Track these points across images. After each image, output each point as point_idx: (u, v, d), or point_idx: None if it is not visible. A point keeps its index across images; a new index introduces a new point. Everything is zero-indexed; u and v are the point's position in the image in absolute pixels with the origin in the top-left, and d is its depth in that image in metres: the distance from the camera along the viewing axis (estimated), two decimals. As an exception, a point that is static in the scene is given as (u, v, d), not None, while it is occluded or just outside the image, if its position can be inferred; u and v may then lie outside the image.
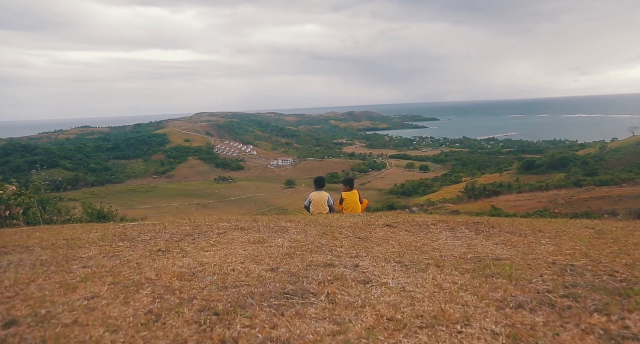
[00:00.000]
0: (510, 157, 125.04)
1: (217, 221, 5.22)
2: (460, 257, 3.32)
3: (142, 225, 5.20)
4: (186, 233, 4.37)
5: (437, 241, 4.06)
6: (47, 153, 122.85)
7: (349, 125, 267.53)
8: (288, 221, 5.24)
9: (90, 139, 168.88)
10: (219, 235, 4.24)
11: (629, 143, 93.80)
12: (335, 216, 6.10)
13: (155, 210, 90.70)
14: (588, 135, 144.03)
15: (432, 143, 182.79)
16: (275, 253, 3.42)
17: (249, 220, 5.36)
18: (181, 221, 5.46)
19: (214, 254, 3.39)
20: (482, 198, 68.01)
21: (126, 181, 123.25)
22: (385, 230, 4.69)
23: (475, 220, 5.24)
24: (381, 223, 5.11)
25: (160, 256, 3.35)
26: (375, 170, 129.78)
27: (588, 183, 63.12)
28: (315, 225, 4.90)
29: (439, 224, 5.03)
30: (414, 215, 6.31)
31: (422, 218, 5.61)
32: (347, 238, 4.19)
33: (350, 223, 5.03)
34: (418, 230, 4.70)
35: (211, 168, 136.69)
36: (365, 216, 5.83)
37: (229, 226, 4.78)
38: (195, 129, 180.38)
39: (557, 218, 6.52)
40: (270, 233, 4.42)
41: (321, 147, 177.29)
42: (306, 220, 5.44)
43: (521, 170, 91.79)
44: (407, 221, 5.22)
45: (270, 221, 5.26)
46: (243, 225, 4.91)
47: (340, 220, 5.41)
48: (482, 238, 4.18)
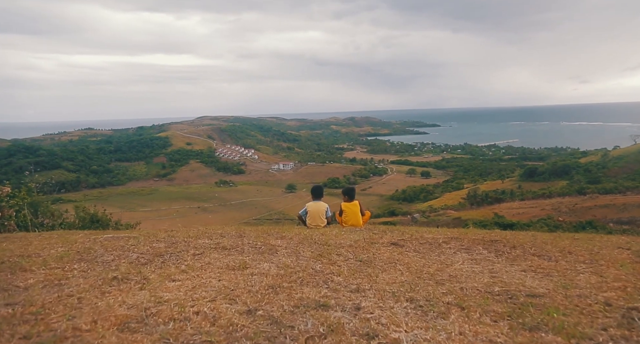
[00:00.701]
0: (512, 164, 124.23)
1: (198, 237, 4.62)
2: (486, 291, 2.74)
3: (115, 238, 4.67)
4: (157, 253, 3.78)
5: (453, 265, 3.50)
6: (50, 154, 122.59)
7: (351, 130, 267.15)
8: (279, 238, 4.67)
9: (93, 141, 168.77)
10: (195, 257, 3.63)
11: (632, 151, 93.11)
12: (333, 231, 5.43)
13: (155, 213, 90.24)
14: (589, 143, 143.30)
15: (433, 149, 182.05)
16: (256, 286, 2.81)
17: (234, 236, 4.75)
18: (159, 234, 4.87)
19: (181, 285, 2.78)
20: (484, 206, 67.36)
21: (127, 184, 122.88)
22: (391, 250, 4.13)
23: (492, 238, 4.66)
24: (386, 241, 4.55)
25: (114, 287, 2.77)
26: (377, 176, 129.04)
27: (592, 191, 62.41)
28: (309, 244, 4.31)
29: (452, 242, 4.47)
30: (422, 230, 5.59)
31: (431, 234, 5.04)
32: (346, 261, 3.62)
33: (351, 241, 4.47)
34: (429, 250, 4.16)
35: (212, 172, 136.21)
36: (368, 232, 5.21)
37: (209, 245, 4.18)
38: (197, 133, 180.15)
39: (579, 233, 5.81)
40: (256, 254, 3.81)
41: (322, 151, 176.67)
42: (300, 236, 4.82)
43: (523, 177, 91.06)
44: (415, 239, 4.66)
45: (259, 237, 4.67)
46: (226, 243, 4.29)
47: (339, 236, 4.82)
48: (504, 262, 3.61)
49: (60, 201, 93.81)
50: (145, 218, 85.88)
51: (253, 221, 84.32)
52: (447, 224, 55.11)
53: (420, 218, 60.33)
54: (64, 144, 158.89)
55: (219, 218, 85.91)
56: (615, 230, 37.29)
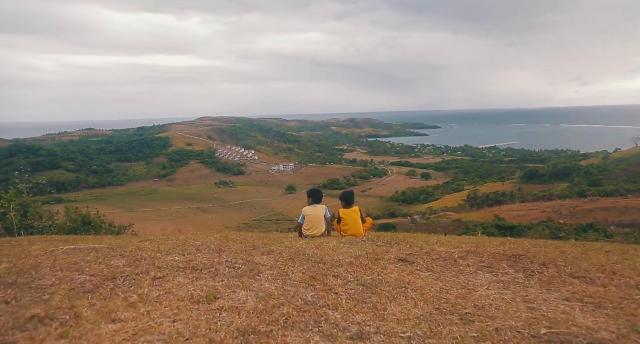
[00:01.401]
0: (512, 166, 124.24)
1: (169, 252, 3.94)
2: (531, 335, 2.14)
3: (76, 251, 4.11)
4: (111, 275, 3.06)
5: (477, 291, 2.93)
6: (50, 154, 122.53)
7: (351, 131, 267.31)
8: (265, 253, 4.01)
9: (93, 141, 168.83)
10: (154, 282, 2.90)
11: (633, 153, 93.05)
12: (330, 243, 4.74)
13: (155, 214, 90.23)
14: (590, 145, 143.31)
15: (433, 151, 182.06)
16: (222, 331, 2.14)
17: (213, 251, 4.09)
18: (127, 247, 4.26)
19: (119, 330, 2.11)
20: (484, 207, 67.30)
21: (127, 184, 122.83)
22: (400, 268, 3.54)
23: (514, 251, 4.14)
24: (392, 256, 3.95)
25: (25, 333, 2.09)
26: (377, 177, 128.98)
27: (592, 194, 62.42)
28: (301, 262, 3.64)
29: (469, 257, 3.93)
30: (433, 241, 5.00)
31: (444, 247, 4.46)
32: (345, 285, 2.99)
33: (351, 258, 3.83)
34: (444, 268, 3.60)
35: (212, 172, 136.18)
36: (371, 245, 4.59)
37: (178, 263, 3.47)
38: (197, 133, 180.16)
39: (609, 246, 5.48)
40: (232, 278, 3.06)
41: (322, 153, 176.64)
42: (291, 250, 4.14)
43: (524, 179, 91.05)
44: (426, 253, 4.11)
45: (241, 253, 3.97)
46: (199, 261, 3.56)
47: (337, 250, 4.18)
48: (539, 287, 3.03)
49: (60, 202, 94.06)
50: (145, 218, 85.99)
51: (252, 222, 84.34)
52: (447, 226, 55.17)
53: (420, 220, 60.34)
54: (65, 144, 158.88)
55: (218, 219, 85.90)
56: (616, 233, 37.26)
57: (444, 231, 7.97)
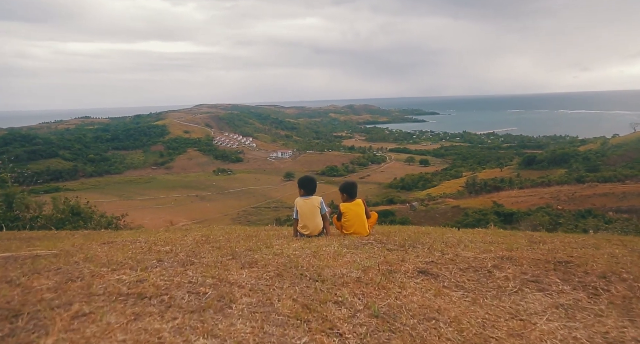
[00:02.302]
0: (511, 152, 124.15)
1: (118, 267, 3.01)
2: None
3: (11, 260, 3.33)
4: (16, 309, 2.06)
5: (536, 325, 2.18)
6: (46, 143, 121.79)
7: (349, 118, 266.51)
8: (246, 266, 3.13)
9: (89, 130, 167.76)
10: (71, 323, 1.92)
11: (631, 139, 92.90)
12: (330, 246, 3.96)
13: (153, 202, 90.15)
14: (588, 131, 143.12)
15: (432, 138, 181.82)
16: None
17: (178, 263, 3.18)
18: (74, 255, 3.45)
19: None
20: (483, 194, 67.26)
21: (125, 172, 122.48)
22: (422, 285, 2.78)
23: (558, 257, 3.45)
24: (410, 267, 3.17)
25: None
26: (375, 164, 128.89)
27: (591, 180, 62.40)
28: (292, 280, 2.79)
29: (506, 266, 3.21)
30: (453, 241, 4.34)
31: (471, 252, 3.70)
32: (353, 319, 2.20)
33: (359, 271, 3.03)
34: (478, 284, 2.85)
35: (210, 160, 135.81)
36: (381, 250, 3.81)
37: (123, 287, 2.51)
38: (194, 121, 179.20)
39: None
40: (191, 313, 2.13)
41: (321, 139, 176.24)
42: (280, 260, 3.31)
43: (522, 165, 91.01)
44: (450, 261, 3.38)
45: (213, 267, 3.03)
46: (152, 282, 2.62)
47: (339, 261, 3.35)
48: (616, 315, 2.33)
49: (58, 191, 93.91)
50: (143, 206, 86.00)
51: (251, 209, 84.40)
52: (445, 212, 55.24)
53: (419, 207, 60.33)
54: (61, 133, 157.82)
55: (217, 207, 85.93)
56: (615, 219, 37.32)
57: (457, 226, 7.41)
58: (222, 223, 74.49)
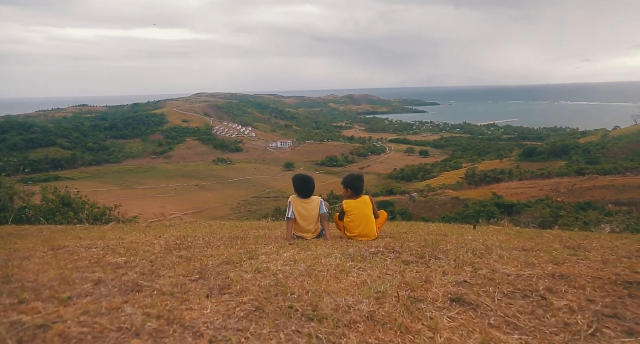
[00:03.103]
0: (511, 144, 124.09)
1: (31, 299, 2.21)
2: None
3: None
4: None
5: None
6: (44, 131, 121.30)
7: (349, 108, 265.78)
8: (215, 291, 2.42)
9: (87, 118, 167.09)
10: None
11: (632, 131, 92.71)
12: (330, 257, 3.29)
13: (153, 191, 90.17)
14: (589, 123, 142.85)
15: (432, 128, 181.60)
16: None
17: (119, 292, 2.39)
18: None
19: None
20: (482, 185, 67.34)
21: (124, 161, 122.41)
22: (459, 322, 2.08)
23: (624, 276, 2.80)
24: (439, 292, 2.45)
25: None
26: (375, 154, 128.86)
27: (590, 172, 62.39)
28: (275, 318, 2.06)
29: (562, 289, 2.54)
30: (481, 249, 3.75)
31: (511, 267, 3.04)
32: None
33: (370, 301, 2.29)
34: (535, 320, 2.12)
35: (209, 150, 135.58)
36: (396, 264, 3.11)
37: (16, 338, 1.72)
38: (193, 110, 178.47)
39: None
40: None
41: (320, 129, 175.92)
42: (262, 282, 2.59)
43: (522, 157, 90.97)
44: (488, 281, 2.71)
45: (165, 297, 2.31)
46: (57, 335, 1.75)
47: (342, 282, 2.62)
48: None
49: (57, 179, 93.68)
50: (143, 195, 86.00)
51: (251, 199, 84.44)
52: (445, 203, 55.28)
53: (418, 197, 60.39)
54: (58, 121, 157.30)
55: (217, 196, 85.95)
56: (615, 211, 37.29)
57: (472, 224, 6.84)
58: (221, 212, 74.65)
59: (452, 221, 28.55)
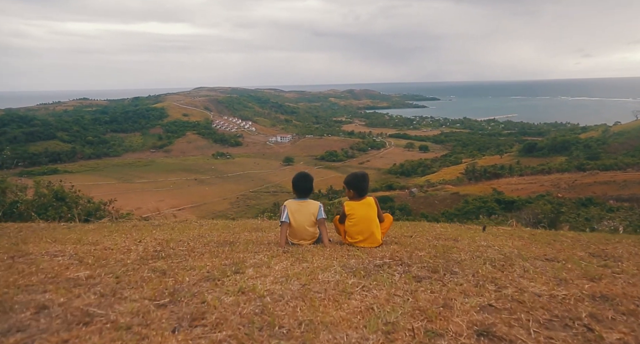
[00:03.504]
0: (511, 139, 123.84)
1: None
2: None
3: None
4: None
5: None
6: (45, 124, 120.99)
7: (349, 103, 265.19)
8: (184, 328, 1.93)
9: (88, 111, 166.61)
10: None
11: (633, 127, 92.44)
12: (328, 272, 2.86)
13: (152, 185, 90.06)
14: (590, 118, 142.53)
15: (432, 123, 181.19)
16: None
17: (63, 326, 1.94)
18: None
19: None
20: (482, 181, 67.26)
21: (124, 155, 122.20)
22: None
23: None
24: (463, 323, 2.01)
25: None
26: (375, 149, 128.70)
27: (591, 168, 62.24)
28: None
29: (609, 315, 2.14)
30: (499, 259, 3.32)
31: (541, 284, 2.63)
32: None
33: (378, 337, 1.85)
34: None
35: (209, 144, 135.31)
36: (406, 280, 2.69)
37: None
38: (193, 104, 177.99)
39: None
40: None
41: (320, 124, 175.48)
42: (244, 310, 2.16)
43: (522, 152, 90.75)
44: (520, 306, 2.27)
45: (115, 337, 1.83)
46: None
47: (343, 311, 2.16)
48: None
49: (56, 172, 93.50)
50: (143, 189, 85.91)
51: (250, 194, 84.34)
52: (444, 199, 55.17)
53: (418, 193, 60.28)
54: (59, 114, 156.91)
55: (216, 191, 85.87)
56: (616, 207, 37.28)
57: (482, 225, 5.93)
58: (220, 207, 74.59)
59: (453, 218, 28.15)
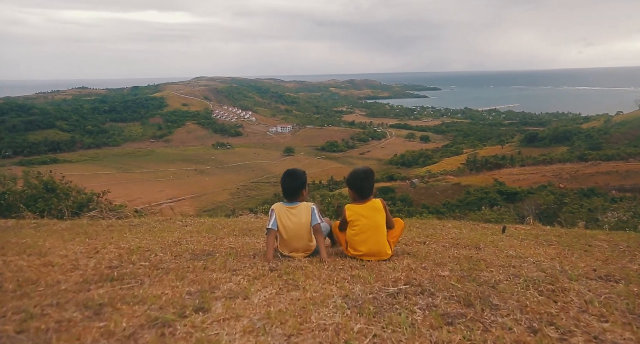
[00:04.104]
0: (512, 129, 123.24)
1: None
2: None
3: None
4: None
5: None
6: (43, 113, 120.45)
7: (350, 93, 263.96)
8: None
9: (87, 101, 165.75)
10: None
11: (635, 117, 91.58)
12: (327, 301, 2.31)
13: (152, 175, 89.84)
14: (592, 108, 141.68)
15: (433, 114, 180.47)
16: None
17: None
18: None
19: None
20: (483, 171, 66.84)
21: (123, 145, 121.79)
22: None
23: None
24: None
25: None
26: (375, 140, 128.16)
27: (593, 158, 61.77)
28: None
29: None
30: (550, 282, 2.59)
31: (620, 329, 1.93)
32: None
33: None
34: None
35: (209, 134, 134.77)
36: (435, 330, 1.90)
37: None
38: (193, 93, 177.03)
39: None
40: None
41: (321, 114, 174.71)
42: None
43: (523, 142, 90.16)
44: None
45: None
46: None
47: None
48: None
49: (56, 162, 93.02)
50: (142, 179, 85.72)
51: (251, 184, 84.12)
52: (446, 189, 54.87)
53: (419, 184, 59.96)
54: (58, 103, 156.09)
55: (216, 181, 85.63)
56: (619, 197, 37.12)
57: (501, 226, 5.14)
58: (220, 197, 74.47)
59: (455, 209, 27.65)
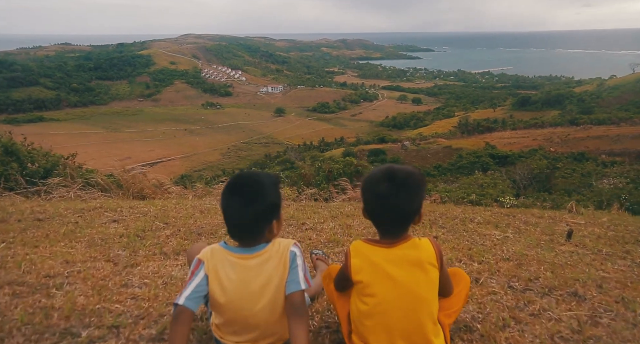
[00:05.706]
0: (505, 92, 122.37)
1: None
2: None
3: None
4: None
5: None
6: (26, 70, 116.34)
7: (342, 53, 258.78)
8: None
9: (71, 57, 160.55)
10: None
11: (629, 80, 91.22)
12: None
13: (141, 135, 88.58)
14: (586, 72, 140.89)
15: (425, 76, 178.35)
16: None
17: None
18: None
19: None
20: (475, 134, 66.85)
21: (110, 103, 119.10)
22: None
23: None
24: None
25: None
26: (367, 101, 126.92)
27: (585, 122, 61.91)
28: None
29: None
30: None
31: None
32: None
33: None
34: None
35: (199, 93, 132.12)
36: None
37: None
38: (181, 51, 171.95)
39: None
40: None
41: (312, 75, 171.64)
42: None
43: (515, 106, 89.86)
44: None
45: None
46: None
47: None
48: None
49: (42, 120, 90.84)
50: (131, 139, 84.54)
51: (241, 145, 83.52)
52: (437, 152, 54.93)
53: (411, 146, 59.87)
54: (40, 59, 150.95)
55: (206, 141, 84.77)
56: (609, 162, 37.51)
57: (567, 232, 3.35)
58: (211, 157, 73.95)
59: (447, 173, 27.00)
